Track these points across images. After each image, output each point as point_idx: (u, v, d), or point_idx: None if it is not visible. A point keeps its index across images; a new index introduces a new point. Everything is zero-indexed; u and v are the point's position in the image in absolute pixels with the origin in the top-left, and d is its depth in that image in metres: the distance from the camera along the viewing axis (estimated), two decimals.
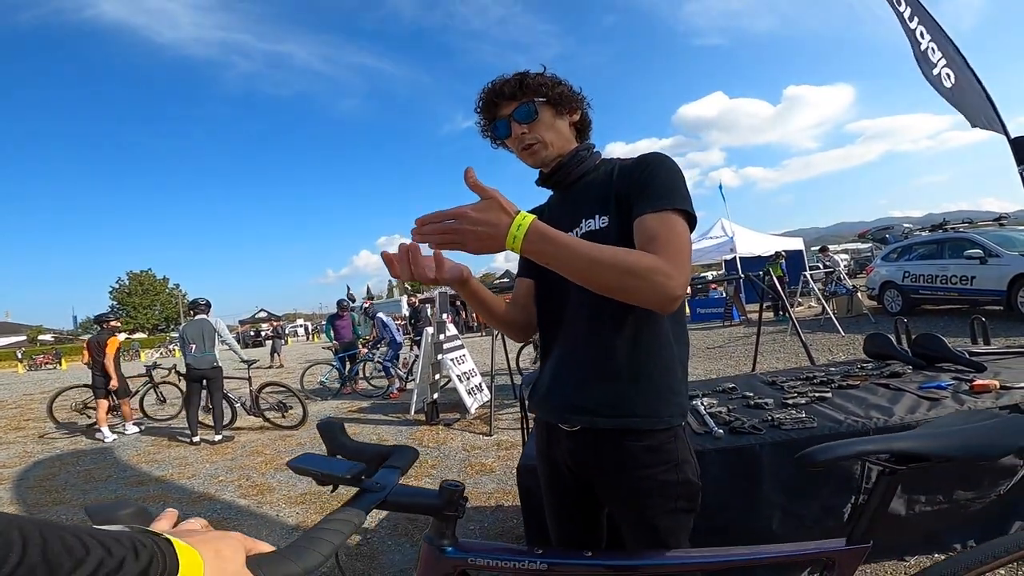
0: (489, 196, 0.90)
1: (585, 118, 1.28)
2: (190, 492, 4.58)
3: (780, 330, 9.94)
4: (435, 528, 0.93)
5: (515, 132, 1.21)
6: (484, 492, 3.76)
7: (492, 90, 1.22)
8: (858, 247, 29.72)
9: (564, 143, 1.22)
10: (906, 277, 10.13)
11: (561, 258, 0.91)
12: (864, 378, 2.16)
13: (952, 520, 1.87)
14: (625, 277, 0.91)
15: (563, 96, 1.20)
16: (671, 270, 0.93)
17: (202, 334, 6.31)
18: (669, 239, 0.97)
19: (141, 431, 7.45)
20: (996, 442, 0.96)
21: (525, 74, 1.20)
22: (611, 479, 1.13)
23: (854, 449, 0.94)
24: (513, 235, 0.88)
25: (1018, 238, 8.71)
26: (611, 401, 1.11)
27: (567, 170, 1.22)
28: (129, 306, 59.57)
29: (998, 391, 1.88)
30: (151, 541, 0.43)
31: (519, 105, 1.19)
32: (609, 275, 0.91)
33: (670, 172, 1.07)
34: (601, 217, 1.14)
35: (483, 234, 0.88)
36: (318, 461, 0.87)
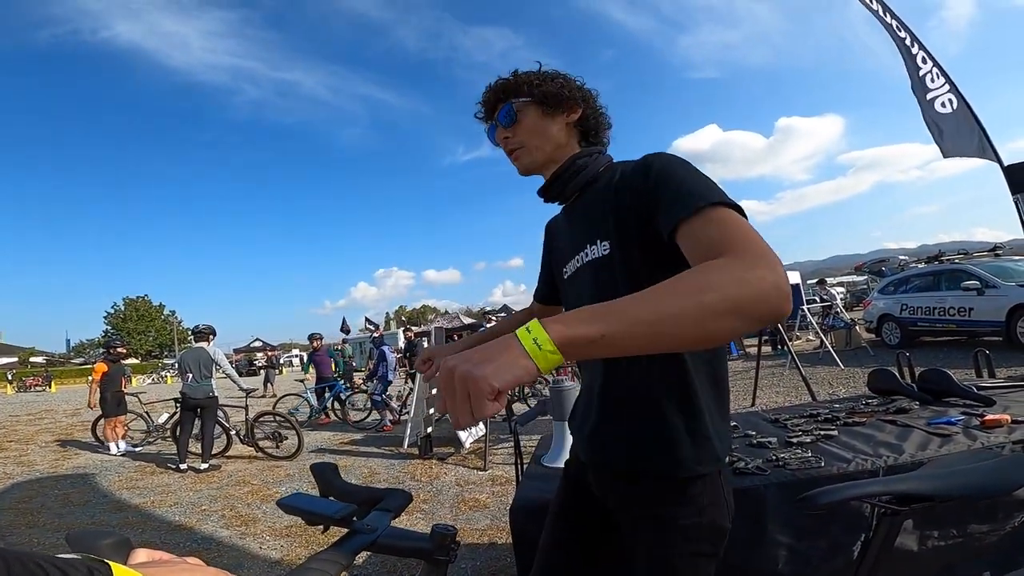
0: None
1: (589, 117, 1.12)
2: (170, 520, 4.44)
3: (779, 364, 9.87)
4: (425, 572, 0.89)
5: (498, 137, 1.12)
6: (477, 529, 3.64)
7: (485, 93, 1.14)
8: (854, 280, 29.87)
9: (555, 148, 1.09)
10: (904, 309, 10.15)
11: (615, 336, 0.61)
12: (870, 415, 2.10)
13: (966, 554, 1.81)
14: (715, 303, 0.62)
15: (550, 94, 1.07)
16: (754, 261, 0.67)
17: (199, 363, 6.27)
18: (731, 235, 0.73)
19: (128, 453, 7.40)
20: (998, 480, 0.96)
21: (515, 73, 1.11)
22: (630, 515, 1.04)
23: (855, 492, 0.93)
24: (535, 339, 0.61)
25: (1014, 268, 8.81)
26: (631, 443, 1.01)
27: (563, 181, 1.09)
28: (123, 331, 59.22)
29: (1010, 425, 1.83)
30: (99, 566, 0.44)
31: (501, 107, 1.10)
32: (682, 324, 0.62)
33: (685, 169, 0.88)
34: (603, 243, 1.00)
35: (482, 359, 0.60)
36: (308, 501, 0.87)
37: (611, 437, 1.06)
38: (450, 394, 0.60)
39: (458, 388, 0.59)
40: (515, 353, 0.60)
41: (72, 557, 0.44)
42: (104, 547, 0.55)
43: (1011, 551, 1.86)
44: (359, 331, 21.03)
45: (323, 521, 0.83)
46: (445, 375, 0.61)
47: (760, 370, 6.42)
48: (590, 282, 1.06)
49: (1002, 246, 10.52)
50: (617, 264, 0.97)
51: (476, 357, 0.60)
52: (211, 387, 6.32)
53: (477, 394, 0.58)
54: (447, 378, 0.60)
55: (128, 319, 60.63)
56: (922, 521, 1.67)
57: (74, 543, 0.56)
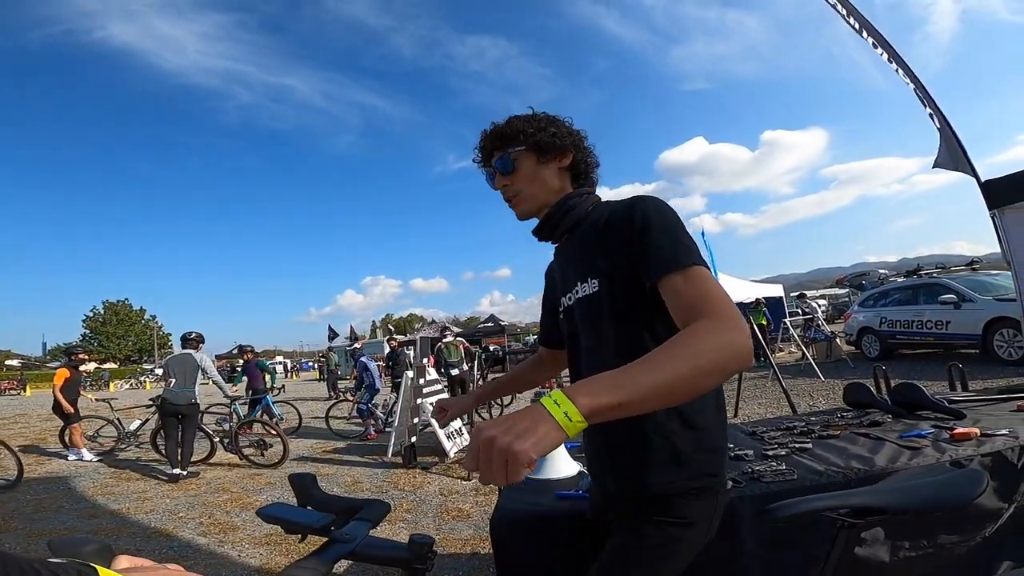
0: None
1: (580, 161, 1.20)
2: (145, 527, 4.38)
3: (762, 376, 9.98)
4: None
5: (498, 184, 1.18)
6: (460, 538, 3.63)
7: (484, 138, 1.20)
8: (835, 293, 30.38)
9: (548, 193, 1.16)
10: (883, 323, 10.34)
11: (631, 403, 0.72)
12: (844, 428, 2.15)
13: (940, 564, 1.84)
14: (702, 363, 0.76)
15: (543, 143, 1.14)
16: (723, 323, 0.81)
17: (184, 369, 6.20)
18: (702, 295, 0.87)
19: (94, 460, 7.28)
20: (950, 494, 1.00)
21: (509, 122, 1.16)
22: (620, 524, 1.09)
23: (812, 505, 0.98)
24: (564, 412, 0.68)
25: (991, 283, 8.99)
26: (617, 465, 1.08)
27: (555, 221, 1.16)
28: (103, 335, 58.11)
29: (979, 438, 1.89)
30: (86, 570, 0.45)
31: (498, 157, 1.16)
32: (681, 386, 0.75)
33: (665, 226, 0.97)
34: (592, 280, 1.08)
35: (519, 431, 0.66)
36: (287, 511, 0.88)
37: (601, 452, 1.12)
38: (486, 462, 0.66)
39: (496, 458, 0.65)
40: (549, 426, 0.68)
41: (61, 561, 0.45)
42: (87, 553, 0.55)
43: (981, 562, 1.90)
44: (344, 338, 20.86)
45: (302, 530, 0.85)
46: (485, 445, 0.66)
47: (743, 382, 6.49)
48: (581, 315, 1.14)
49: (979, 260, 10.78)
50: (604, 300, 1.05)
51: (515, 430, 0.66)
52: (194, 394, 6.24)
53: (516, 464, 0.64)
54: (487, 448, 0.66)
55: (107, 323, 59.48)
56: (893, 532, 1.71)
57: (57, 549, 0.57)
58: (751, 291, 16.19)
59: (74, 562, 0.46)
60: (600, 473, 1.15)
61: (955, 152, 6.12)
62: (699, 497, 1.01)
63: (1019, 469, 1.84)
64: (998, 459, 1.82)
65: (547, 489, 1.81)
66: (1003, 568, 1.92)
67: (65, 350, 7.84)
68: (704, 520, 1.02)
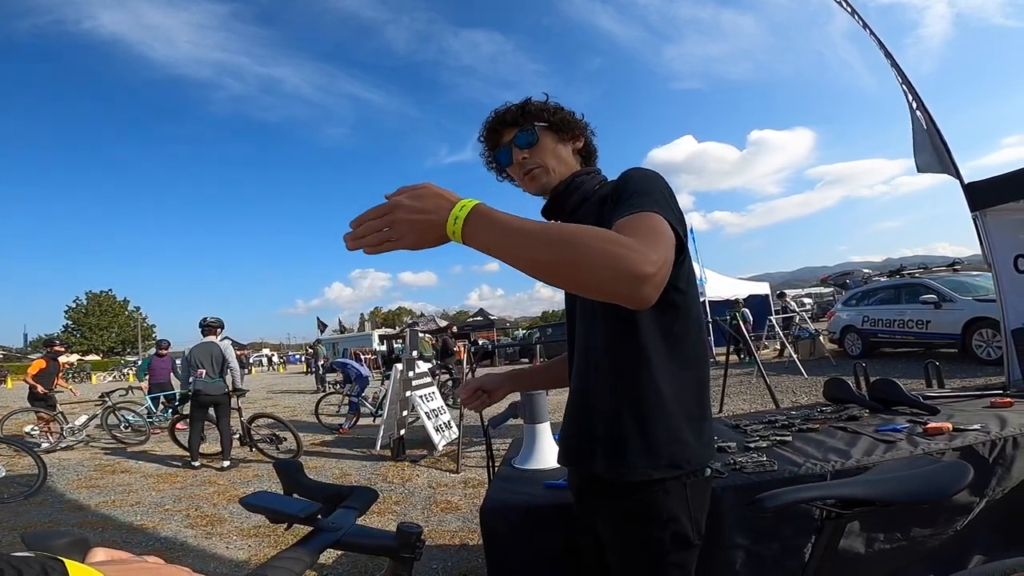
0: (420, 186, 0.81)
1: (589, 145, 1.26)
2: (131, 521, 4.36)
3: (747, 372, 10.11)
4: (391, 570, 0.91)
5: (516, 158, 1.19)
6: (448, 531, 3.67)
7: (495, 118, 1.21)
8: (821, 291, 30.77)
9: (566, 169, 1.20)
10: (865, 321, 10.51)
11: (505, 242, 0.77)
12: (823, 422, 2.21)
13: (913, 556, 1.89)
14: (585, 256, 0.74)
15: (565, 122, 1.19)
16: (642, 248, 0.76)
17: (211, 358, 6.08)
18: (638, 227, 0.84)
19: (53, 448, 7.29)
20: (935, 486, 1.00)
21: (528, 101, 1.20)
22: (602, 526, 1.09)
23: (802, 495, 0.97)
24: (455, 216, 0.77)
25: (971, 283, 9.15)
26: (587, 448, 1.06)
27: (565, 196, 1.19)
28: (85, 327, 57.16)
29: (951, 433, 1.95)
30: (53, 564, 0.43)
31: (519, 131, 1.18)
32: (564, 253, 0.75)
33: (644, 179, 1.01)
34: None
35: (421, 223, 0.78)
36: (272, 499, 0.85)
37: (572, 437, 1.13)
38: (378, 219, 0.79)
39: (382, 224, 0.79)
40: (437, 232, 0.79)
41: (26, 555, 0.44)
42: (60, 546, 0.54)
43: (955, 554, 1.95)
44: (332, 332, 20.78)
45: (287, 519, 0.82)
46: (388, 209, 0.79)
47: (729, 378, 6.59)
48: None
49: (960, 261, 10.98)
50: None
51: (416, 218, 0.78)
52: (225, 383, 6.18)
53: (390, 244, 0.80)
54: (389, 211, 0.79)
55: (90, 314, 58.47)
56: (868, 525, 1.76)
57: (30, 542, 0.56)
58: (738, 289, 16.38)
59: (41, 555, 0.44)
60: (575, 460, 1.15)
61: (941, 154, 6.24)
62: (668, 492, 1.00)
63: (990, 464, 1.89)
64: (969, 453, 1.86)
65: (535, 479, 1.85)
66: (974, 562, 1.97)
67: (45, 342, 7.74)
68: (683, 514, 1.01)
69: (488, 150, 1.25)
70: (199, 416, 6.14)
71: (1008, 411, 2.18)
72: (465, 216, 0.77)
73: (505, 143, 1.20)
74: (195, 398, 6.08)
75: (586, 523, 1.18)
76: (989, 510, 1.95)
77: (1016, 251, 6.21)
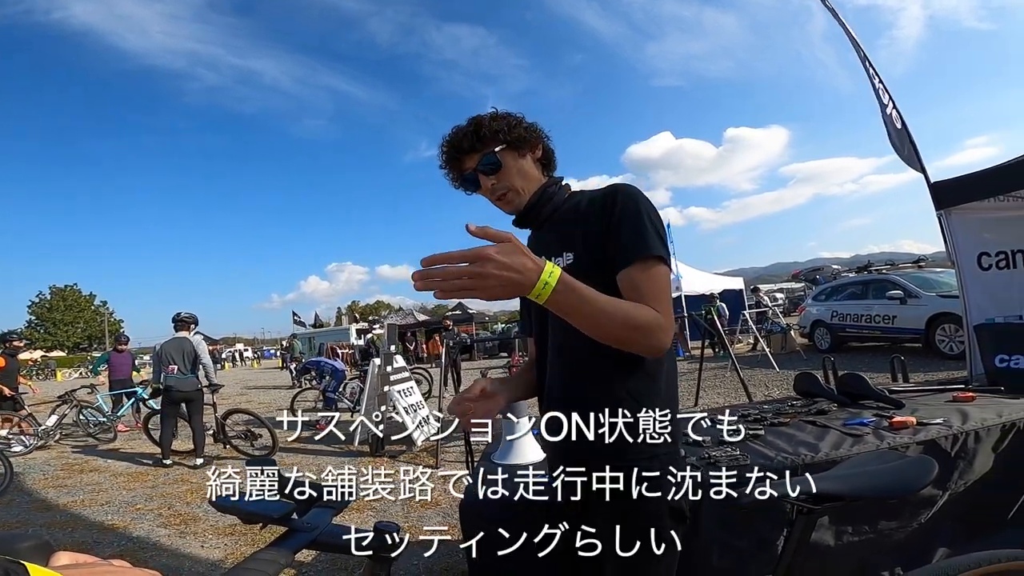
0: (507, 239, 0.83)
1: (547, 150, 1.27)
2: (101, 521, 4.25)
3: (722, 366, 10.30)
4: (369, 569, 0.91)
5: (484, 185, 1.20)
6: (428, 527, 3.66)
7: (451, 144, 1.20)
8: (792, 286, 31.49)
9: (534, 184, 1.22)
10: (834, 316, 10.79)
11: (582, 310, 0.91)
12: (794, 416, 2.28)
13: (880, 549, 1.95)
14: (631, 332, 0.96)
15: (521, 137, 1.19)
16: (665, 323, 0.99)
17: (183, 353, 5.93)
18: (655, 292, 1.02)
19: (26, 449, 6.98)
20: (902, 481, 1.03)
21: (480, 123, 1.18)
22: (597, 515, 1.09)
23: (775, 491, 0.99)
24: (545, 281, 0.85)
25: (935, 280, 9.40)
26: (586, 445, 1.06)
27: (539, 209, 1.21)
28: (49, 322, 55.28)
29: (915, 427, 2.02)
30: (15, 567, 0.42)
31: (481, 157, 1.17)
32: (618, 329, 0.95)
33: (639, 214, 1.07)
34: (568, 254, 1.15)
35: (509, 280, 0.81)
36: (244, 499, 0.86)
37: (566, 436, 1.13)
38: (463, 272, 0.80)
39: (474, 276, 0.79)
40: (524, 287, 0.84)
41: None
42: (24, 550, 0.53)
43: (920, 546, 2.00)
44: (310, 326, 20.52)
45: (261, 519, 0.82)
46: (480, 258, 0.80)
47: (704, 372, 6.71)
48: None
49: (925, 258, 11.35)
50: (578, 270, 1.08)
51: (507, 273, 0.81)
52: (198, 379, 6.04)
53: (475, 292, 0.81)
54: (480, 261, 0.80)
55: (55, 309, 56.57)
56: (837, 519, 1.82)
57: None
58: (713, 284, 16.64)
59: (3, 559, 0.43)
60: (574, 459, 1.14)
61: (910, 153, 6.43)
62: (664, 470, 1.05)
63: (953, 458, 1.96)
64: (932, 447, 1.93)
65: (515, 474, 1.86)
66: (939, 555, 2.01)
67: (1, 337, 7.28)
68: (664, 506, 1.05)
69: (453, 176, 1.24)
70: (171, 413, 6.01)
71: (970, 405, 2.26)
72: (555, 283, 0.86)
73: (469, 169, 1.20)
74: (166, 394, 5.94)
75: (571, 516, 1.17)
76: (952, 503, 2.01)
77: (979, 249, 6.44)
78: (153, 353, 6.24)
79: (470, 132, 1.17)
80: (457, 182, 1.25)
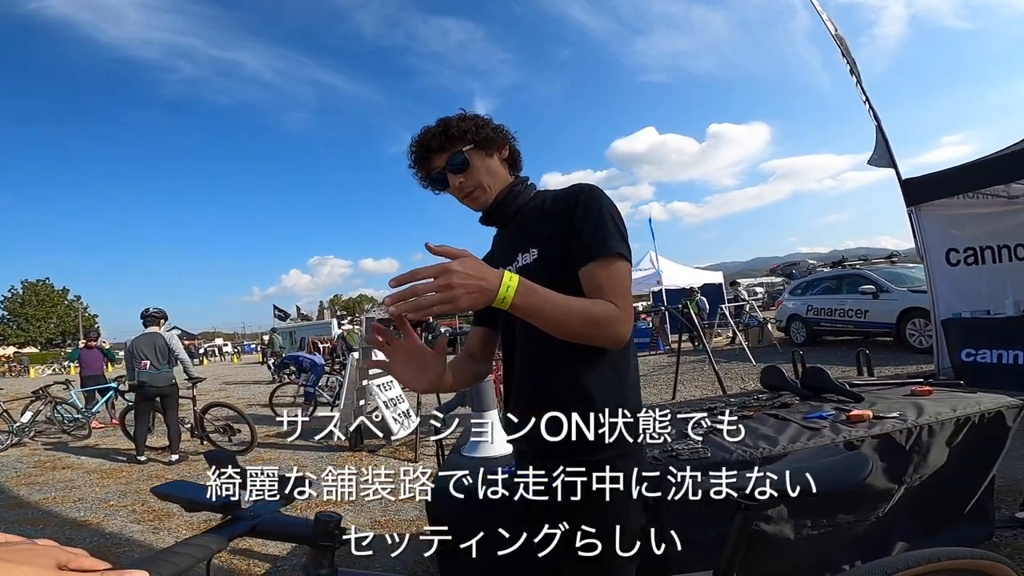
0: (464, 254, 0.89)
1: (513, 151, 1.30)
2: (74, 517, 4.21)
3: (700, 360, 10.44)
4: (311, 558, 0.93)
5: (452, 183, 1.23)
6: (405, 520, 3.69)
7: (420, 144, 1.23)
8: (772, 281, 31.96)
9: (500, 183, 1.25)
10: (809, 310, 11.00)
11: (542, 309, 0.96)
12: (758, 409, 2.33)
13: (840, 543, 1.99)
14: (589, 327, 1.01)
15: (489, 138, 1.22)
16: (623, 316, 1.04)
17: (155, 349, 5.86)
18: (615, 287, 1.06)
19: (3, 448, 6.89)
20: (837, 478, 1.05)
21: (448, 123, 1.21)
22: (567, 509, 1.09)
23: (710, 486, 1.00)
24: (507, 285, 0.91)
25: (907, 275, 9.59)
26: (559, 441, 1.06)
27: (504, 207, 1.24)
28: (21, 317, 53.93)
29: (871, 420, 2.07)
30: None
31: (449, 157, 1.20)
32: (577, 325, 1.00)
33: (602, 213, 1.11)
34: (532, 250, 1.18)
35: (475, 287, 0.87)
36: (186, 488, 0.86)
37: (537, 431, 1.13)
38: (432, 286, 0.84)
39: (440, 290, 0.84)
40: (488, 297, 0.89)
41: None
42: None
43: (878, 541, 2.05)
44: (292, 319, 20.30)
45: (201, 507, 0.83)
46: (444, 273, 0.85)
47: (683, 366, 6.81)
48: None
49: (897, 254, 11.60)
50: (543, 266, 1.15)
51: (471, 284, 0.86)
52: (171, 374, 5.97)
53: (444, 306, 0.85)
54: (443, 275, 0.85)
55: (27, 304, 55.17)
56: (795, 511, 1.86)
57: None
58: (694, 278, 16.83)
59: None
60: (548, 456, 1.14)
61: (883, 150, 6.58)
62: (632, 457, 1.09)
63: (907, 451, 2.00)
64: (887, 441, 1.98)
65: (480, 467, 1.89)
66: (897, 549, 2.07)
67: None
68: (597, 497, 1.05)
69: (422, 175, 1.27)
70: (145, 409, 5.96)
71: (926, 399, 2.31)
72: (515, 286, 0.91)
73: (437, 168, 1.23)
74: (140, 390, 5.88)
75: (536, 510, 1.16)
76: (910, 497, 2.06)
77: (947, 245, 6.61)
78: (125, 350, 6.16)
79: (439, 132, 1.20)
80: (426, 181, 1.28)
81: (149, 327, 6.10)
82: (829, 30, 6.58)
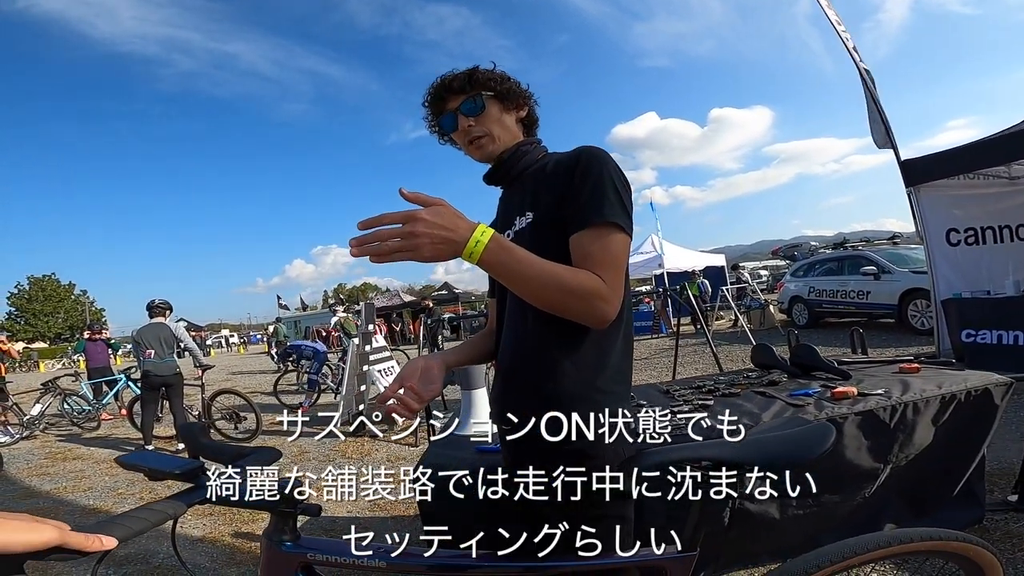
0: (438, 202, 0.85)
1: (532, 114, 1.28)
2: (84, 505, 4.32)
3: (701, 342, 10.45)
4: (273, 524, 0.95)
5: (461, 125, 1.20)
6: (405, 502, 3.75)
7: (441, 84, 1.21)
8: (776, 263, 31.85)
9: (510, 138, 1.22)
10: (811, 292, 10.95)
11: (515, 272, 0.91)
12: (746, 386, 2.35)
13: (827, 522, 1.98)
14: (568, 297, 0.93)
15: (511, 91, 1.21)
16: (608, 293, 0.95)
17: (160, 339, 5.95)
18: (605, 260, 0.98)
19: (12, 440, 7.00)
20: (796, 450, 1.00)
21: (475, 69, 1.20)
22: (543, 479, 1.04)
23: (671, 456, 0.96)
24: (476, 239, 0.85)
25: (909, 256, 9.51)
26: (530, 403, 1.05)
27: (509, 164, 1.21)
28: (29, 313, 54.36)
29: (855, 397, 2.06)
30: None
31: (466, 99, 1.18)
32: (553, 294, 0.93)
33: (602, 177, 1.02)
34: (529, 214, 1.13)
35: (440, 239, 0.83)
36: (152, 458, 0.89)
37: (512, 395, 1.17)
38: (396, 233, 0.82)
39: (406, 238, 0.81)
40: (456, 248, 0.85)
41: None
42: None
43: (866, 521, 2.03)
44: (295, 310, 20.41)
45: (164, 476, 0.85)
46: (411, 221, 0.81)
47: (683, 348, 6.83)
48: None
49: (900, 235, 11.52)
50: (533, 230, 1.11)
51: (438, 234, 0.83)
52: (176, 363, 6.06)
53: (407, 255, 0.82)
54: (410, 223, 0.81)
55: (34, 299, 55.54)
56: (781, 490, 1.86)
57: None
58: (696, 261, 16.80)
59: None
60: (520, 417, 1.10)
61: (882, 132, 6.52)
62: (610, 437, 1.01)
63: (892, 429, 1.98)
64: (870, 418, 1.96)
65: (467, 444, 1.92)
66: (886, 529, 2.02)
67: None
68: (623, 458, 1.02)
69: (432, 115, 1.25)
70: (151, 398, 6.03)
71: (914, 376, 2.30)
72: (486, 241, 0.86)
73: (450, 109, 1.20)
74: (145, 379, 5.98)
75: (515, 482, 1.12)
76: (897, 478, 2.04)
77: (948, 225, 6.56)
78: (131, 340, 6.26)
79: (463, 75, 1.19)
80: (434, 124, 1.26)
81: (155, 317, 6.18)
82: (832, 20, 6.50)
